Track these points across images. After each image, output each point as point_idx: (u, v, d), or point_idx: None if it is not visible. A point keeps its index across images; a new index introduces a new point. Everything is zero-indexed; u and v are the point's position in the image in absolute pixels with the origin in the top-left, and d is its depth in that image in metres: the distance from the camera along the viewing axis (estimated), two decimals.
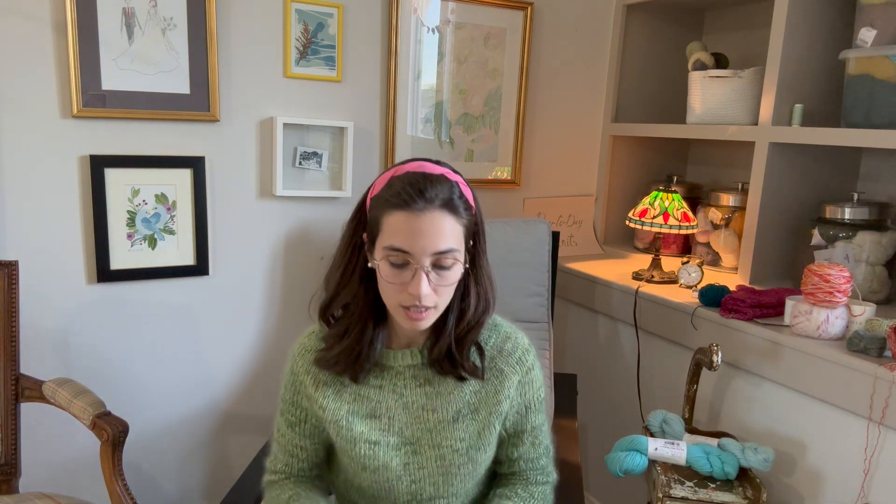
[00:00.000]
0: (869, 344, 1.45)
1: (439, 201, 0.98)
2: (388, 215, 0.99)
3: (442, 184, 1.00)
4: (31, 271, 1.74)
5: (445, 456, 1.10)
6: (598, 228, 2.54)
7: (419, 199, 0.97)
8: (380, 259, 1.01)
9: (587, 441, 2.31)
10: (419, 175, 1.00)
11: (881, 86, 1.65)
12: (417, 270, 0.98)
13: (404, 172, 1.01)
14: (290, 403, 1.16)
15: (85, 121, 1.74)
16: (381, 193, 1.01)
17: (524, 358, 1.15)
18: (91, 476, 1.90)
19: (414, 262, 0.98)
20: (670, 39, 2.47)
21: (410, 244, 0.98)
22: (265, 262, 2.04)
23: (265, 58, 1.92)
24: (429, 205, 0.97)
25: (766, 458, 1.52)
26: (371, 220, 1.03)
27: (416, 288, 0.98)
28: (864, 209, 1.79)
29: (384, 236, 1.00)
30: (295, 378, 1.15)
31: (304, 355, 1.14)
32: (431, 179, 0.99)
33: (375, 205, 1.02)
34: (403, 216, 0.98)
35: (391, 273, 1.00)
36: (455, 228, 1.00)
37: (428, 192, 0.98)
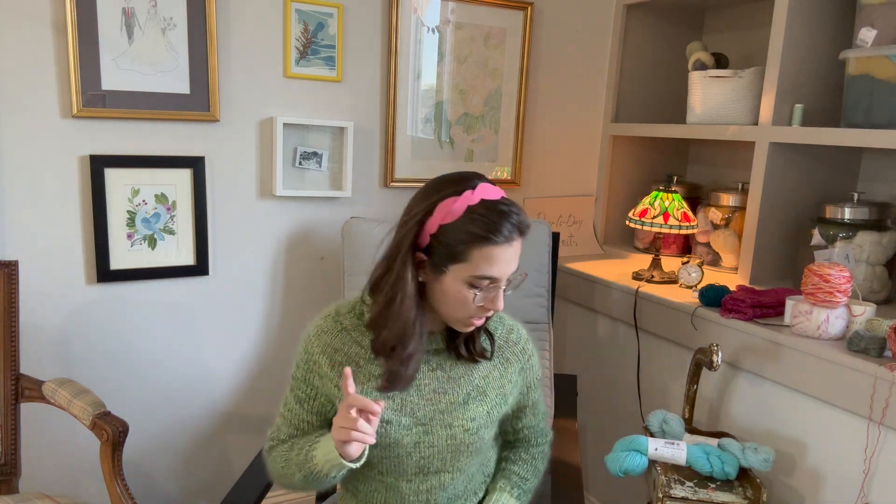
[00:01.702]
0: (869, 344, 1.45)
1: (522, 228, 1.07)
2: (477, 249, 1.04)
3: (514, 206, 1.07)
4: (31, 271, 1.74)
5: (456, 435, 1.16)
6: (598, 228, 2.54)
7: (511, 231, 1.05)
8: (458, 283, 1.07)
9: (587, 441, 2.31)
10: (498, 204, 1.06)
11: (881, 86, 1.65)
12: (498, 291, 1.09)
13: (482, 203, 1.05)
14: (301, 381, 1.20)
15: (85, 121, 1.74)
16: (463, 224, 1.04)
17: (526, 348, 1.28)
18: (91, 476, 1.90)
19: (497, 284, 1.08)
20: (670, 39, 2.47)
21: (499, 272, 1.07)
22: (265, 262, 2.04)
23: (265, 58, 1.92)
24: (513, 234, 1.06)
25: (766, 458, 1.52)
26: (449, 250, 1.06)
27: (497, 304, 1.09)
28: (864, 209, 1.79)
29: (470, 268, 1.06)
30: (309, 357, 1.18)
31: (321, 336, 1.17)
32: (510, 205, 1.06)
33: (454, 234, 1.05)
34: (494, 249, 1.04)
35: (471, 296, 1.07)
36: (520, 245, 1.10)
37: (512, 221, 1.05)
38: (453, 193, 1.06)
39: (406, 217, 1.11)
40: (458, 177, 1.09)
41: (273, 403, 2.13)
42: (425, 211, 1.07)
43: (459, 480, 1.22)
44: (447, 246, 1.06)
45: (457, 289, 1.07)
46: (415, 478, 1.18)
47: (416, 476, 1.18)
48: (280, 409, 1.25)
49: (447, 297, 1.09)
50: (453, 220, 1.05)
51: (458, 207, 1.05)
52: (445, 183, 1.09)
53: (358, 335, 1.17)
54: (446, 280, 1.08)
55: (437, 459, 1.17)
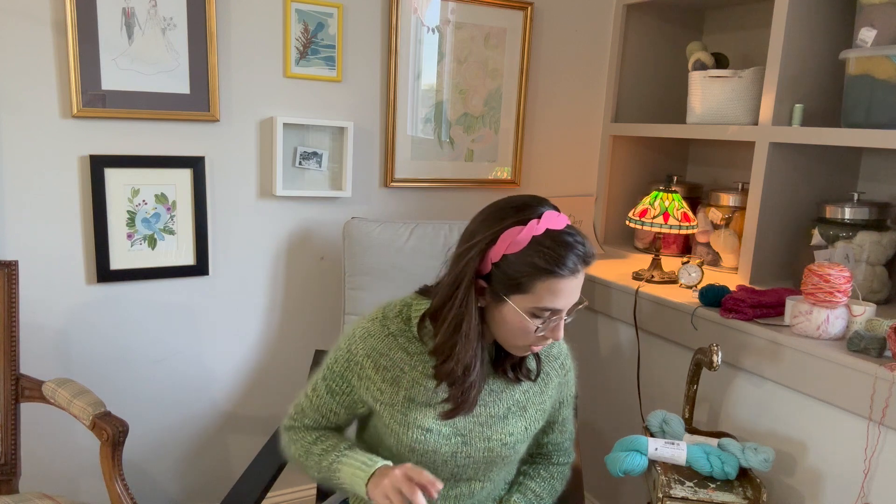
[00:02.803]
0: (869, 344, 1.45)
1: (586, 258, 1.05)
2: (542, 281, 1.02)
3: (578, 236, 1.05)
4: (31, 271, 1.74)
5: (494, 448, 1.17)
6: (598, 228, 2.54)
7: (577, 264, 1.03)
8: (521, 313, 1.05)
9: (587, 441, 2.31)
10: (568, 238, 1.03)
11: (881, 86, 1.65)
12: (560, 321, 1.08)
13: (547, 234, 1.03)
14: (338, 375, 1.19)
15: (85, 121, 1.74)
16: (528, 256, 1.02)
17: (566, 363, 1.29)
18: (91, 476, 1.90)
19: (558, 315, 1.07)
20: (670, 39, 2.47)
21: (563, 304, 1.06)
22: (265, 262, 2.04)
23: (265, 58, 1.92)
24: (578, 266, 1.04)
25: (766, 458, 1.52)
26: (511, 280, 1.04)
27: (557, 335, 1.09)
28: (864, 209, 1.79)
29: (534, 299, 1.04)
30: (351, 357, 1.18)
31: (367, 339, 1.17)
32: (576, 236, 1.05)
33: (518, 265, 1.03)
34: (558, 282, 1.03)
35: (532, 326, 1.06)
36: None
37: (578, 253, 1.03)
38: (518, 222, 1.04)
39: (468, 244, 1.08)
40: (522, 203, 1.06)
41: (273, 403, 2.14)
42: (489, 240, 1.05)
43: (487, 488, 1.23)
44: (510, 276, 1.04)
45: (518, 319, 1.06)
46: (446, 483, 1.18)
47: (448, 482, 1.18)
48: (307, 391, 1.24)
49: (507, 325, 1.08)
50: (518, 250, 1.03)
51: (524, 238, 1.02)
52: (510, 210, 1.06)
53: (404, 341, 1.16)
54: (507, 309, 1.06)
55: (472, 469, 1.18)
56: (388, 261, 1.88)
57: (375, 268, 1.89)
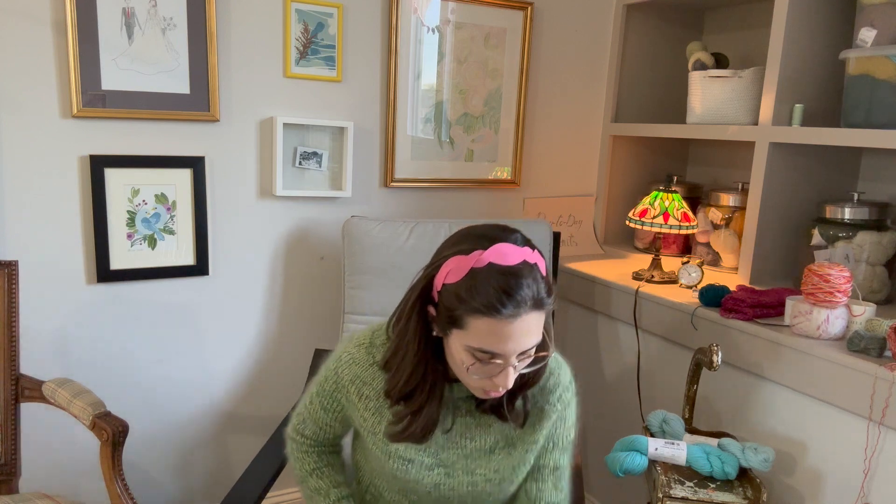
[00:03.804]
0: (869, 344, 1.45)
1: (530, 302, 0.93)
2: (474, 319, 0.94)
3: (528, 277, 0.94)
4: (31, 271, 1.74)
5: (478, 483, 1.12)
6: (598, 228, 2.54)
7: (510, 305, 0.92)
8: (461, 350, 0.98)
9: (587, 441, 2.31)
10: (507, 276, 0.93)
11: (881, 86, 1.65)
12: (505, 367, 0.97)
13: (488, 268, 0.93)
14: (328, 394, 1.18)
15: (85, 121, 1.74)
16: (462, 289, 0.94)
17: (564, 396, 1.14)
18: (91, 476, 1.90)
19: (502, 359, 0.96)
20: (670, 39, 2.47)
21: (501, 348, 0.95)
22: (265, 262, 2.04)
23: (265, 58, 1.92)
24: (519, 308, 0.92)
25: (766, 458, 1.52)
26: (448, 311, 0.97)
27: (504, 381, 0.97)
28: (864, 209, 1.79)
29: (469, 337, 0.96)
30: (338, 380, 1.15)
31: (352, 366, 1.14)
32: (519, 276, 0.93)
33: (454, 298, 0.95)
34: (494, 323, 0.93)
35: (476, 367, 0.98)
36: (541, 321, 0.97)
37: (519, 294, 0.92)
38: (463, 251, 0.96)
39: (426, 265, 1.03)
40: (482, 233, 0.98)
41: (273, 403, 2.14)
42: (434, 266, 1.00)
43: None
44: (448, 308, 0.96)
45: (460, 356, 0.98)
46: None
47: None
48: (306, 400, 1.23)
49: (453, 361, 1.01)
50: (455, 281, 0.95)
51: (461, 268, 0.95)
52: (466, 236, 0.99)
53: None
54: (451, 342, 0.99)
55: (457, 501, 1.14)
56: (387, 260, 1.88)
57: (375, 267, 1.89)
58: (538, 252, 0.99)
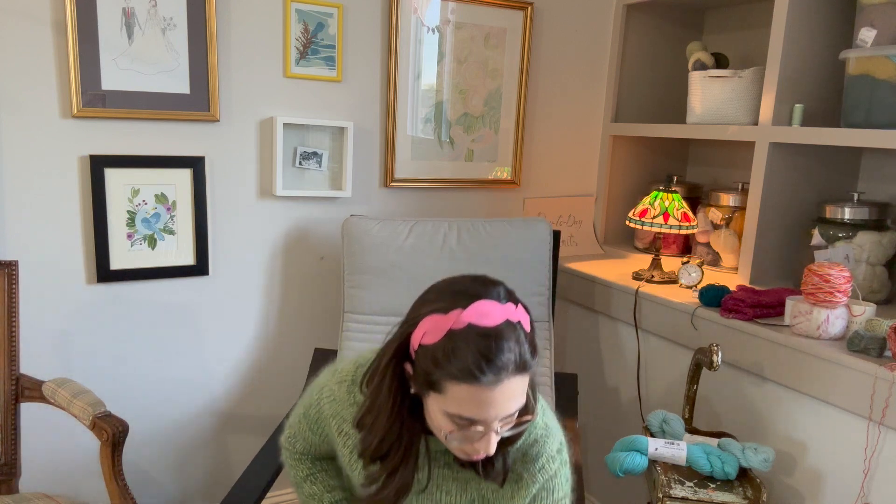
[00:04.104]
0: (869, 344, 1.45)
1: (511, 367, 0.87)
2: (453, 384, 0.88)
3: (510, 339, 0.88)
4: (31, 271, 1.74)
5: None
6: (598, 228, 2.54)
7: (490, 372, 0.86)
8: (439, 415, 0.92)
9: (587, 441, 2.31)
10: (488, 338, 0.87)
11: (881, 86, 1.65)
12: (487, 432, 0.91)
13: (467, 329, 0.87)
14: (313, 421, 1.16)
15: (85, 121, 1.74)
16: (439, 352, 0.88)
17: (547, 466, 1.06)
18: (91, 476, 1.90)
19: (483, 425, 0.91)
20: (670, 39, 2.47)
21: (481, 415, 0.89)
22: (265, 262, 2.04)
23: (265, 58, 1.92)
24: (501, 374, 0.87)
25: (766, 458, 1.52)
26: (424, 374, 0.91)
27: (486, 446, 0.92)
28: (864, 209, 1.79)
29: (447, 402, 0.90)
30: (320, 412, 1.13)
31: (332, 403, 1.10)
32: (500, 339, 0.87)
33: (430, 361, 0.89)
34: (473, 390, 0.87)
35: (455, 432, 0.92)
36: (524, 384, 0.92)
37: (499, 359, 0.86)
38: (441, 309, 0.90)
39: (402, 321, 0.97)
40: (461, 288, 0.93)
41: (273, 403, 2.14)
42: (412, 323, 0.93)
43: None
44: (425, 370, 0.90)
45: (438, 420, 0.92)
46: None
47: None
48: (295, 417, 1.21)
49: (432, 423, 0.95)
50: (432, 342, 0.89)
51: (439, 328, 0.89)
52: (444, 292, 0.94)
53: None
54: (429, 404, 0.93)
55: None
56: (387, 259, 1.88)
57: (374, 266, 1.89)
58: (522, 306, 0.94)
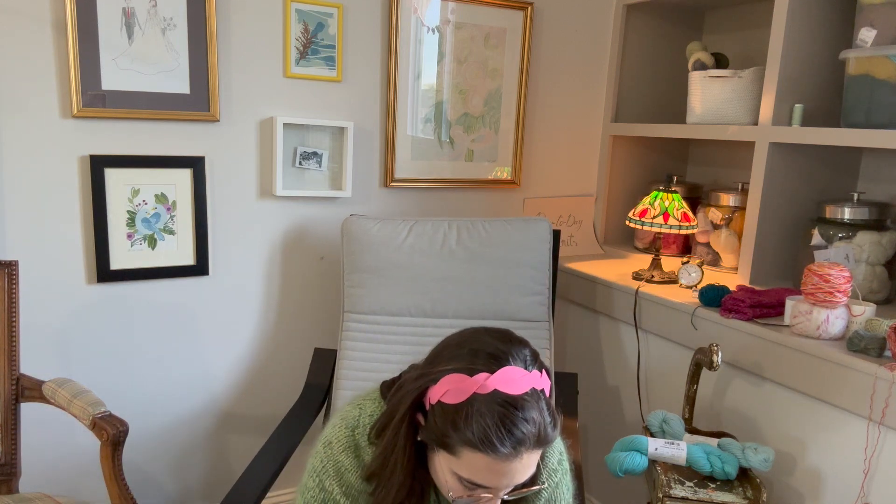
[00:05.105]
0: (869, 344, 1.45)
1: (531, 440, 0.85)
2: (469, 451, 0.85)
3: (534, 409, 0.85)
4: (31, 271, 1.74)
5: None
6: (598, 228, 2.54)
7: (509, 444, 0.84)
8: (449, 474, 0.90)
9: (587, 441, 2.31)
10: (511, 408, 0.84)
11: (881, 86, 1.65)
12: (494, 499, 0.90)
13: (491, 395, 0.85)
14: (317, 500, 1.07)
15: (85, 121, 1.74)
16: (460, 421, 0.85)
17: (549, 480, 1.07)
18: (91, 476, 1.90)
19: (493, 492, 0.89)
20: (670, 39, 2.47)
21: (493, 483, 0.87)
22: (265, 262, 2.04)
23: (265, 58, 1.92)
24: (520, 447, 0.84)
25: (766, 458, 1.52)
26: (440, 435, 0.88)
27: None
28: (864, 209, 1.79)
29: (459, 466, 0.87)
30: (327, 495, 1.03)
31: (343, 475, 1.02)
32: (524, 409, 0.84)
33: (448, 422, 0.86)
34: (489, 461, 0.85)
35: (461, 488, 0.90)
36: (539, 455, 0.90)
37: (521, 431, 0.84)
38: (467, 371, 0.87)
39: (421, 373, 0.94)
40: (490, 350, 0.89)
41: (273, 403, 2.14)
42: (432, 378, 0.90)
43: None
44: (440, 429, 0.87)
45: (444, 478, 0.91)
46: None
47: None
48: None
49: (437, 477, 0.94)
50: (454, 402, 0.86)
51: (464, 391, 0.86)
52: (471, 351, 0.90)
53: None
54: (438, 460, 0.91)
55: None
56: (386, 258, 1.88)
57: (374, 265, 1.89)
58: (546, 372, 0.92)
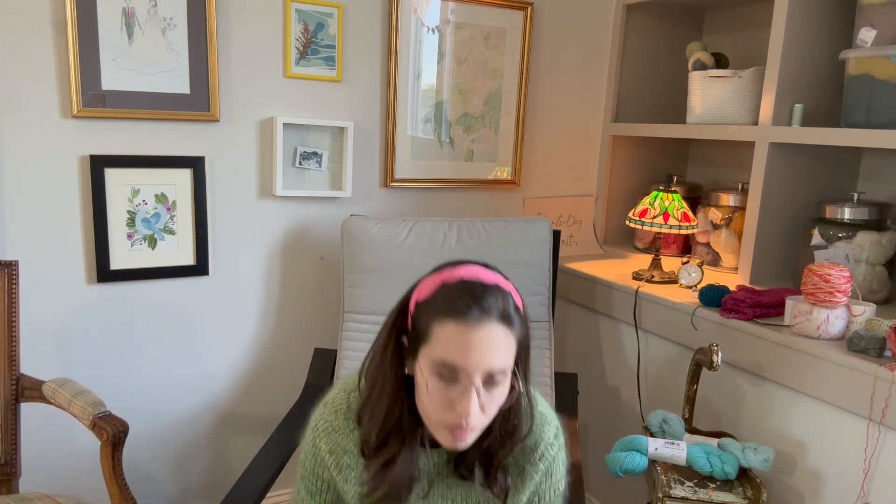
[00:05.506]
0: (869, 344, 1.45)
1: (496, 312, 0.92)
2: (440, 325, 0.93)
3: (497, 293, 0.94)
4: (31, 271, 1.74)
5: None
6: (598, 228, 2.54)
7: (475, 307, 0.91)
8: (426, 371, 0.95)
9: (587, 441, 2.31)
10: (475, 282, 0.94)
11: (881, 86, 1.65)
12: (468, 387, 0.92)
13: (458, 279, 0.95)
14: (310, 472, 1.12)
15: (85, 121, 1.74)
16: (432, 299, 0.95)
17: (547, 453, 1.09)
18: (91, 476, 1.90)
19: (465, 377, 0.92)
20: (670, 39, 2.47)
21: (464, 359, 0.92)
22: (265, 262, 2.04)
23: (265, 58, 1.92)
24: (484, 315, 0.92)
25: (766, 458, 1.52)
26: (417, 327, 0.96)
27: (466, 406, 0.92)
28: (864, 209, 1.79)
29: (433, 347, 0.93)
30: (317, 452, 1.10)
31: (331, 434, 1.09)
32: (487, 287, 0.94)
33: (424, 311, 0.96)
34: (457, 327, 0.91)
35: (439, 388, 0.94)
36: (510, 343, 0.95)
37: (484, 301, 0.92)
38: (436, 271, 0.99)
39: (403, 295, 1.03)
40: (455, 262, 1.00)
41: (273, 403, 2.14)
42: (410, 288, 1.01)
43: None
44: (417, 325, 0.96)
45: (429, 381, 0.95)
46: None
47: None
48: (294, 494, 1.17)
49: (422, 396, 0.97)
50: (427, 295, 0.96)
51: (434, 282, 0.96)
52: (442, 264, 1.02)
53: None
54: (419, 369, 0.96)
55: None
56: (386, 258, 1.88)
57: (374, 266, 1.89)
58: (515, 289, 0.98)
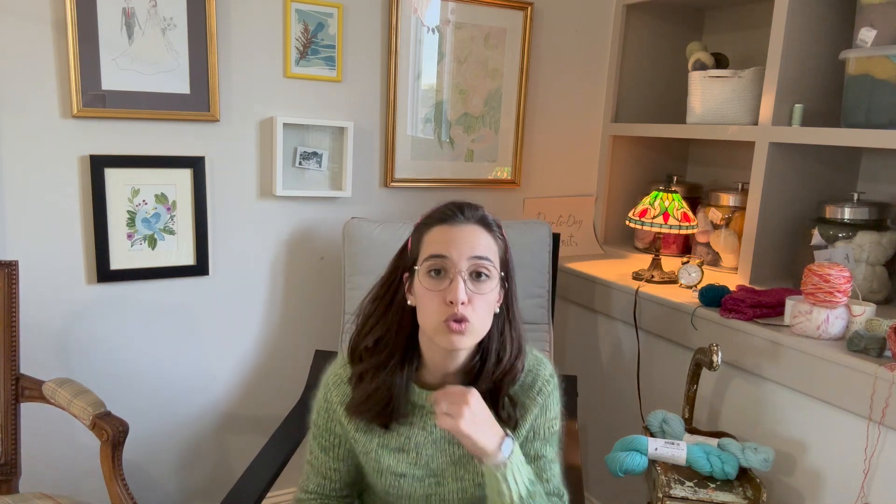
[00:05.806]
0: (869, 344, 1.45)
1: (476, 217, 1.09)
2: (429, 231, 1.08)
3: (479, 208, 1.11)
4: (31, 271, 1.74)
5: (467, 489, 1.13)
6: (598, 228, 2.54)
7: (458, 213, 1.08)
8: (422, 277, 1.06)
9: (587, 441, 2.31)
10: (459, 201, 1.11)
11: (881, 86, 1.65)
12: (455, 276, 1.03)
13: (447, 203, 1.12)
14: (323, 429, 1.18)
15: (85, 121, 1.74)
16: (423, 220, 1.11)
17: (544, 388, 1.17)
18: (91, 476, 1.90)
19: (452, 266, 1.04)
20: (670, 39, 2.47)
21: (448, 249, 1.04)
22: (265, 262, 2.04)
23: (265, 58, 1.92)
24: (466, 219, 1.08)
25: (766, 458, 1.52)
26: (413, 247, 1.10)
27: (454, 292, 1.02)
28: (864, 209, 1.79)
29: (424, 250, 1.07)
30: (329, 406, 1.16)
31: (340, 386, 1.15)
32: (470, 203, 1.11)
33: (417, 230, 1.10)
34: (442, 228, 1.07)
35: (431, 286, 1.04)
36: (490, 242, 1.08)
37: (466, 210, 1.09)
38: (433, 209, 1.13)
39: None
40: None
41: (273, 403, 2.14)
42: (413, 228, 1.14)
43: None
44: (414, 247, 1.10)
45: (423, 281, 1.05)
46: None
47: None
48: (307, 457, 1.22)
49: (420, 303, 1.06)
50: (420, 220, 1.11)
51: (428, 211, 1.11)
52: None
53: None
54: (417, 283, 1.06)
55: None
56: (387, 260, 1.88)
57: (375, 268, 1.88)
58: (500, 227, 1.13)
